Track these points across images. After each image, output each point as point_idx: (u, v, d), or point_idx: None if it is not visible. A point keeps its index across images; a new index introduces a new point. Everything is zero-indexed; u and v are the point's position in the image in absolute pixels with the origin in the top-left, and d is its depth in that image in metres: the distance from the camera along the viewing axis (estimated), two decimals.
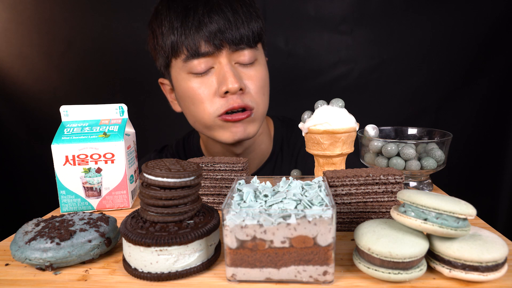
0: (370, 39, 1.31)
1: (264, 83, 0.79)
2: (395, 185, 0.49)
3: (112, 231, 0.47)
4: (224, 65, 0.73)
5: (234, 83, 0.72)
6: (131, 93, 1.43)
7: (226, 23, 0.72)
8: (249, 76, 0.76)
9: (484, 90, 1.29)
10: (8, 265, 0.45)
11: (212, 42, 0.72)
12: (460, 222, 0.37)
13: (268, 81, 0.82)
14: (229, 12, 0.73)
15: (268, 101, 0.83)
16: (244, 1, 0.76)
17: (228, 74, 0.73)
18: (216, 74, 0.74)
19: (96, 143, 0.59)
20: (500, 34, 1.24)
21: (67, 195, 0.60)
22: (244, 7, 0.75)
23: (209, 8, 0.72)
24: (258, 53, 0.78)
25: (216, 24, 0.71)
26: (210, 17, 0.72)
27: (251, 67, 0.77)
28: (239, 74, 0.75)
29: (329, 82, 1.35)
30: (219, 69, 0.74)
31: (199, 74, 0.75)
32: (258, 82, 0.77)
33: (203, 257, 0.41)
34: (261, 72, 0.78)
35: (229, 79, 0.72)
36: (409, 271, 0.37)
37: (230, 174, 0.58)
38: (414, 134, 0.70)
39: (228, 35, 0.72)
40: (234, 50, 0.74)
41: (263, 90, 0.79)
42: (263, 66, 0.80)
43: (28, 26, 1.38)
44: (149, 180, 0.40)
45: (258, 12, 0.78)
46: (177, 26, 0.73)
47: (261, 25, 0.77)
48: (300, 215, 0.36)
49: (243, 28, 0.73)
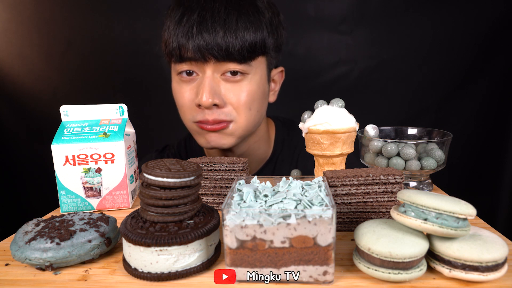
0: (370, 39, 1.31)
1: (252, 99, 0.75)
2: (395, 185, 0.49)
3: (112, 231, 0.47)
4: (206, 77, 0.72)
5: (207, 98, 0.71)
6: (131, 93, 1.43)
7: (214, 38, 0.69)
8: (233, 90, 0.74)
9: (484, 90, 1.29)
10: (8, 265, 0.45)
11: (196, 53, 0.70)
12: (460, 222, 0.37)
13: (260, 96, 0.78)
14: (221, 26, 0.69)
15: (259, 116, 0.80)
16: (246, 12, 0.72)
17: (204, 88, 0.71)
18: (197, 84, 0.74)
19: (96, 143, 0.59)
20: (500, 34, 1.24)
21: (67, 195, 0.60)
22: (242, 19, 0.71)
23: (201, 18, 0.70)
24: (250, 68, 0.74)
25: (202, 38, 0.69)
26: (198, 30, 0.69)
27: (239, 81, 0.74)
28: (218, 88, 0.73)
29: (329, 82, 1.35)
30: (201, 79, 0.73)
31: (184, 77, 0.75)
32: (243, 97, 0.74)
33: (203, 257, 0.41)
34: (250, 87, 0.74)
35: (204, 94, 0.71)
36: (409, 271, 0.37)
37: (230, 174, 0.58)
38: (414, 134, 0.70)
39: (213, 51, 0.69)
40: (222, 63, 0.72)
41: (249, 105, 0.75)
42: (253, 81, 0.75)
43: (28, 26, 1.38)
44: (149, 180, 0.40)
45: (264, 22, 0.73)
46: (170, 29, 0.72)
47: (263, 37, 0.73)
48: (300, 215, 0.36)
49: (233, 42, 0.69)
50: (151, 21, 1.32)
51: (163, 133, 1.43)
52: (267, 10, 0.76)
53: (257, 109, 0.78)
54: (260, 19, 0.73)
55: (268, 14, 0.75)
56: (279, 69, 0.85)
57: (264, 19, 0.74)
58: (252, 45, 0.72)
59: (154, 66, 1.36)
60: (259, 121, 0.81)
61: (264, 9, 0.75)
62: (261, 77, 0.77)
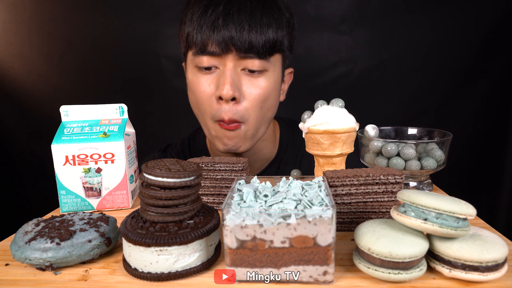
0: (370, 39, 1.31)
1: (265, 97, 0.76)
2: (395, 185, 0.49)
3: (112, 231, 0.47)
4: (227, 69, 0.73)
5: (229, 90, 0.71)
6: (131, 93, 1.43)
7: (239, 29, 0.70)
8: (251, 85, 0.75)
9: (484, 90, 1.29)
10: (8, 265, 0.45)
11: (220, 45, 0.71)
12: (460, 222, 0.37)
13: (274, 94, 0.79)
14: (246, 18, 0.70)
15: (270, 114, 0.81)
16: (270, 8, 0.73)
17: (226, 80, 0.72)
18: (218, 76, 0.74)
19: (96, 143, 0.59)
20: (500, 34, 1.24)
21: (67, 195, 0.60)
22: (266, 15, 0.72)
23: (227, 10, 0.71)
24: (269, 65, 0.75)
25: (228, 29, 0.70)
26: (225, 21, 0.70)
27: (258, 76, 0.75)
28: (239, 83, 0.74)
29: (329, 82, 1.35)
30: (222, 72, 0.73)
31: (204, 71, 0.75)
32: (258, 93, 0.75)
33: (203, 257, 0.41)
34: (266, 84, 0.76)
35: (226, 85, 0.71)
36: (409, 271, 0.37)
37: (230, 174, 0.58)
38: (414, 134, 0.70)
39: (238, 42, 0.70)
40: (242, 57, 0.72)
41: (262, 103, 0.76)
42: (271, 79, 0.76)
43: (28, 26, 1.38)
44: (149, 180, 0.40)
45: (284, 21, 0.75)
46: (194, 20, 0.73)
47: (283, 35, 0.74)
48: (300, 215, 0.36)
49: (257, 37, 0.71)
50: (151, 21, 1.32)
51: (163, 133, 1.43)
52: (287, 10, 0.78)
53: (268, 107, 0.79)
54: (281, 17, 0.75)
55: (287, 14, 0.77)
56: (289, 70, 0.87)
57: (284, 18, 0.76)
58: (274, 41, 0.73)
59: (154, 66, 1.36)
60: (269, 120, 0.82)
61: (284, 9, 0.77)
62: (278, 74, 0.79)
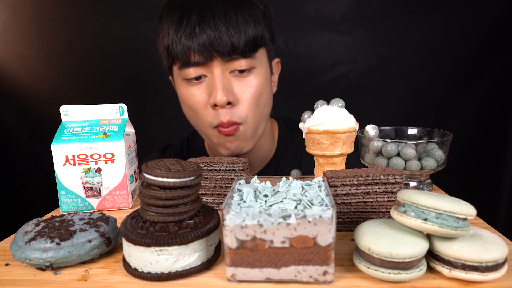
0: (370, 39, 1.31)
1: (259, 94, 0.76)
2: (395, 185, 0.49)
3: (112, 231, 0.47)
4: (215, 76, 0.72)
5: (222, 96, 0.71)
6: (131, 93, 1.43)
7: (218, 34, 0.69)
8: (242, 85, 0.74)
9: (484, 90, 1.29)
10: (8, 265, 0.45)
11: (202, 53, 0.70)
12: (460, 222, 0.37)
13: (267, 89, 0.79)
14: (222, 22, 0.70)
15: (266, 110, 0.80)
16: (243, 6, 0.73)
17: (217, 86, 0.71)
18: (208, 84, 0.74)
19: (96, 143, 0.59)
20: (500, 34, 1.24)
21: (67, 195, 0.60)
22: (241, 13, 0.72)
23: (201, 19, 0.70)
24: (255, 62, 0.75)
25: (207, 36, 0.69)
26: (202, 29, 0.70)
27: (247, 75, 0.75)
28: (230, 86, 0.73)
29: (329, 82, 1.35)
30: (211, 79, 0.73)
31: (193, 82, 0.75)
32: (252, 92, 0.75)
33: (203, 257, 0.41)
34: (257, 81, 0.75)
35: (218, 92, 0.71)
36: (409, 271, 0.37)
37: (230, 174, 0.58)
38: (414, 134, 0.70)
39: (219, 47, 0.70)
40: (227, 60, 0.72)
41: (257, 101, 0.76)
42: (260, 75, 0.76)
43: (28, 26, 1.38)
44: (149, 180, 0.40)
45: (260, 14, 0.75)
46: (171, 33, 0.72)
47: (262, 29, 0.74)
48: (300, 215, 0.36)
49: (237, 37, 0.70)
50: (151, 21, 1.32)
51: (163, 133, 1.43)
52: (260, 2, 0.77)
53: (264, 103, 0.79)
54: (256, 11, 0.75)
55: (261, 6, 0.77)
56: (276, 60, 0.87)
57: (259, 11, 0.75)
58: (255, 38, 0.73)
59: (154, 66, 1.35)
60: (267, 116, 0.82)
61: (257, 2, 0.76)
62: (266, 69, 0.79)
